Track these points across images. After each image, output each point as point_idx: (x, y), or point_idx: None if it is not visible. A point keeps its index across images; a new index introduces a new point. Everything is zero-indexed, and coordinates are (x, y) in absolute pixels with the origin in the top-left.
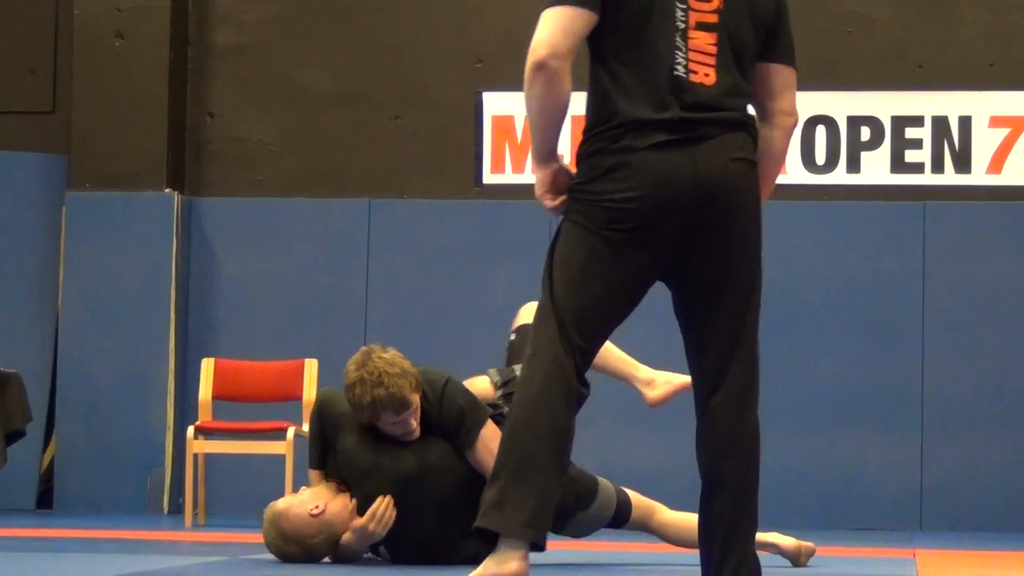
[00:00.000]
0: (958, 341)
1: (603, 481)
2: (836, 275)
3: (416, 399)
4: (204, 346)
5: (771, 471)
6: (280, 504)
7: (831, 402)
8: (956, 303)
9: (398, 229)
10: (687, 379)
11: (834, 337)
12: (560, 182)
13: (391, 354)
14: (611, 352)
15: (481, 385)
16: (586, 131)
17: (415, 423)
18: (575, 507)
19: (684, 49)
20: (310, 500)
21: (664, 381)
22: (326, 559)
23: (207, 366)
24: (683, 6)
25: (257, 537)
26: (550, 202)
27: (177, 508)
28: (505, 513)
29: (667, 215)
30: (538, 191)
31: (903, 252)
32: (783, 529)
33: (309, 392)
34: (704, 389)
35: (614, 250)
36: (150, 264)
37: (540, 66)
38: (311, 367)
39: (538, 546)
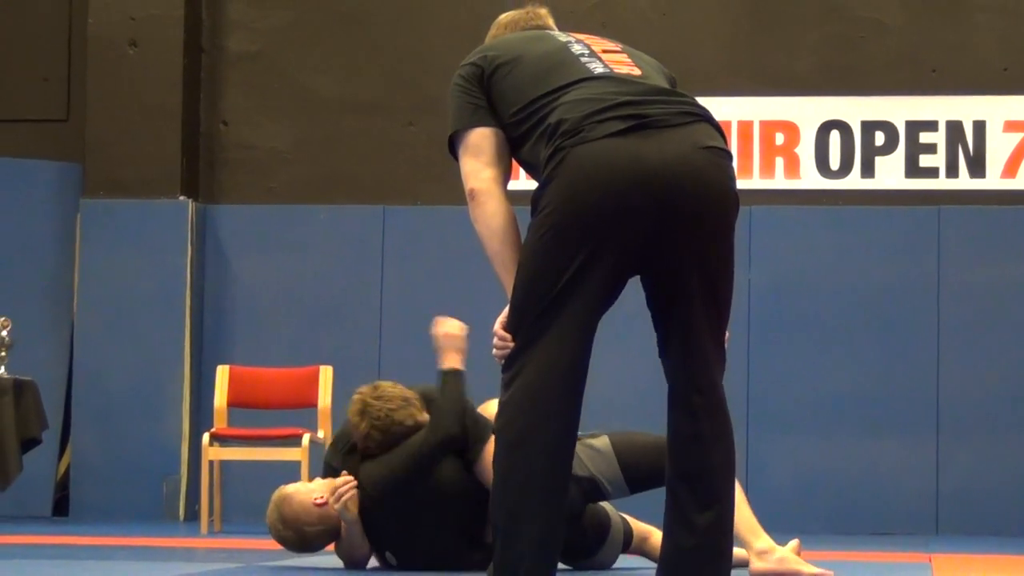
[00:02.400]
0: (973, 345)
1: (608, 508)
2: (851, 280)
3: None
4: (219, 353)
5: (786, 476)
6: (289, 488)
7: (846, 407)
8: (971, 307)
9: (413, 236)
10: (802, 567)
11: (849, 342)
12: None
13: (390, 390)
14: (740, 510)
15: (493, 409)
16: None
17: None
18: (596, 543)
19: (598, 60)
20: (318, 489)
21: (778, 558)
22: (339, 565)
23: (222, 373)
24: (579, 47)
25: (274, 544)
26: (501, 343)
27: (193, 515)
28: (500, 571)
29: (630, 208)
30: (497, 324)
31: (918, 257)
32: (800, 535)
33: (324, 399)
34: (683, 388)
35: (577, 257)
36: (165, 271)
37: (470, 196)
38: (326, 374)
39: None
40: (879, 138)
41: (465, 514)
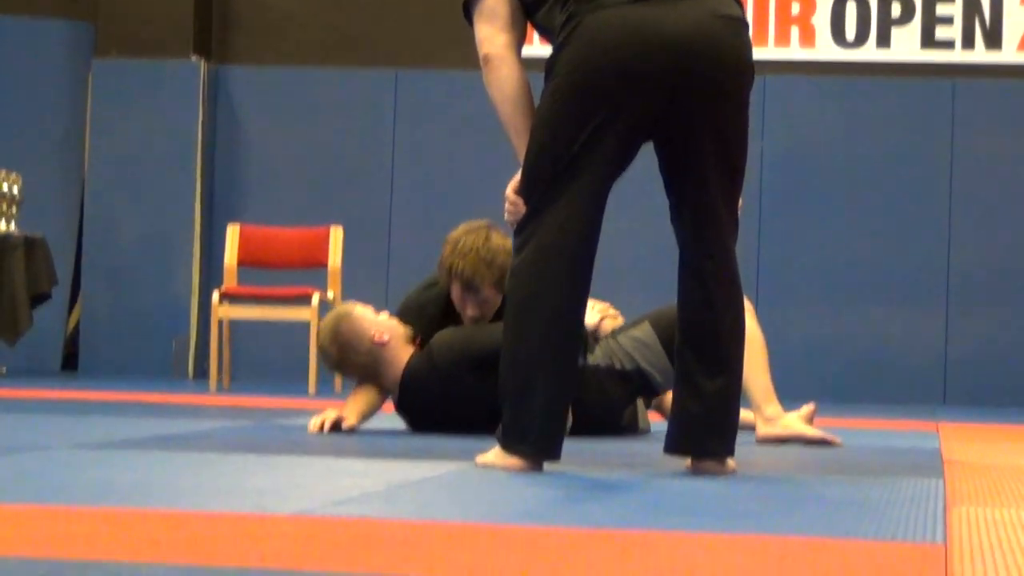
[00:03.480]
0: (984, 217)
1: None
2: (863, 151)
3: (493, 294)
4: (230, 212)
5: (796, 344)
6: (357, 309)
7: (857, 277)
8: (983, 180)
9: (425, 100)
10: (806, 431)
11: (861, 212)
12: None
13: (504, 244)
14: (759, 375)
15: None
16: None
17: (473, 312)
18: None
19: None
20: (383, 325)
21: (784, 424)
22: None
23: (232, 232)
24: None
25: (282, 402)
26: (513, 208)
27: (202, 373)
28: (508, 435)
29: (645, 74)
30: (509, 188)
31: (932, 129)
32: (806, 401)
33: (334, 259)
34: (694, 254)
35: (591, 123)
36: (176, 131)
37: (484, 61)
38: (336, 234)
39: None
40: (895, 9)
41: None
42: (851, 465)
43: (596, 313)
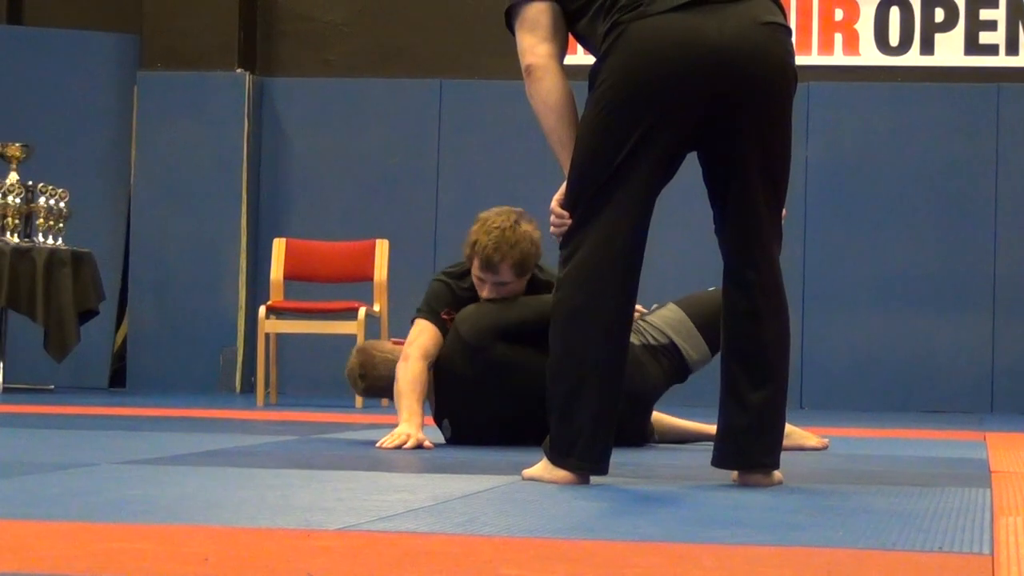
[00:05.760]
0: None
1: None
2: (908, 157)
3: (510, 277)
4: (276, 226)
5: (842, 353)
6: (386, 346)
7: (903, 285)
8: None
9: (470, 109)
10: (808, 442)
11: (906, 219)
12: None
13: (530, 233)
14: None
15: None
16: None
17: (489, 295)
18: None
19: None
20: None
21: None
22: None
23: (279, 246)
24: None
25: (329, 416)
26: (559, 220)
27: (249, 387)
28: (555, 449)
29: (689, 83)
30: (554, 202)
31: (977, 134)
32: (855, 412)
33: (380, 272)
34: (738, 264)
35: (636, 133)
36: (222, 144)
37: (527, 71)
38: (382, 247)
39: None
40: (939, 14)
41: (534, 393)
42: (898, 476)
43: None
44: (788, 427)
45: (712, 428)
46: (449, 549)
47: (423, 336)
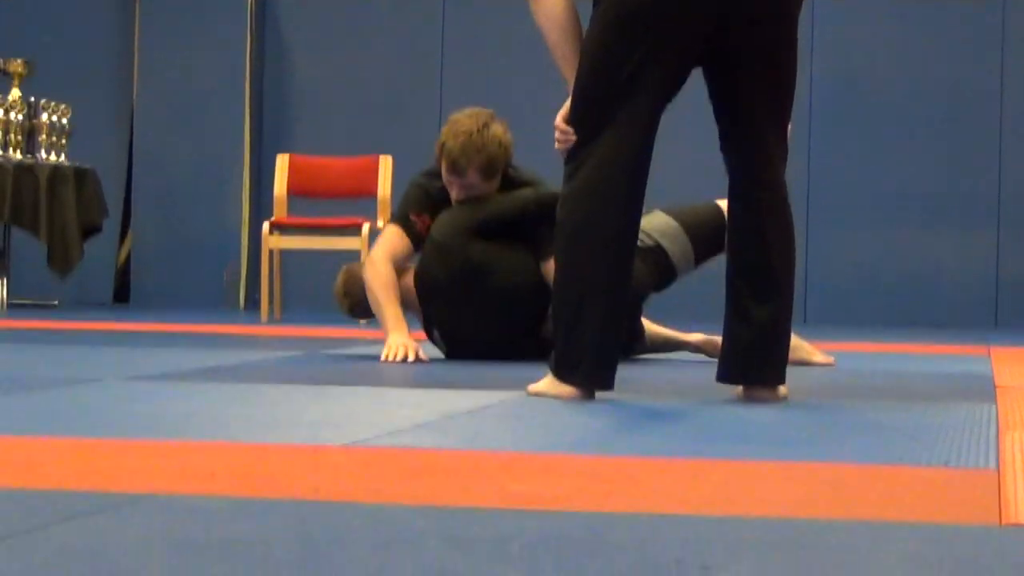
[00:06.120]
0: None
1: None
2: (914, 74)
3: (477, 180)
4: (279, 142)
5: (846, 268)
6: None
7: (908, 200)
8: None
9: (473, 24)
10: (815, 357)
11: (911, 134)
12: None
13: (499, 136)
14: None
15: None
16: None
17: (458, 195)
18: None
19: None
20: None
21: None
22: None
23: (282, 162)
24: None
25: (333, 332)
26: (563, 136)
27: (253, 303)
28: (560, 364)
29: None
30: (559, 118)
31: (982, 52)
32: (859, 328)
33: (384, 188)
34: (744, 182)
35: (640, 48)
36: (225, 59)
37: None
38: (386, 163)
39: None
40: None
41: (525, 306)
42: (902, 390)
43: None
44: (794, 340)
45: (697, 337)
46: (456, 464)
47: (388, 239)
